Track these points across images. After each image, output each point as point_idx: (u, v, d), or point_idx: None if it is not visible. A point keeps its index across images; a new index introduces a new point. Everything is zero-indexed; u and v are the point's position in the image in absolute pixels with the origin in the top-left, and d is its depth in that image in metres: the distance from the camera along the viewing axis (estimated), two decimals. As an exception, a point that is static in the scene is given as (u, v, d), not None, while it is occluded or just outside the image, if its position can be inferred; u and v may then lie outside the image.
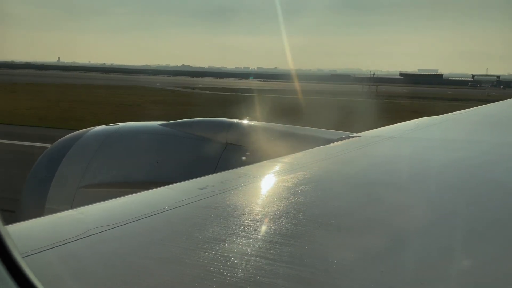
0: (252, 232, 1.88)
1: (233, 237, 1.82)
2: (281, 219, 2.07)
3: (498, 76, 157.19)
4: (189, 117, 5.82)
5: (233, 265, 1.57)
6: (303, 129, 5.29)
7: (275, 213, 2.16)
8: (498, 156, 4.01)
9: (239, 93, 63.02)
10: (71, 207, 3.57)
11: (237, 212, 2.15)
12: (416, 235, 2.04)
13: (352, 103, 48.19)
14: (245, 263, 1.59)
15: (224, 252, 1.67)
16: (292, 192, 2.53)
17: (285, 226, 1.97)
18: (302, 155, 3.77)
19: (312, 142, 4.48)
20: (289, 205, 2.27)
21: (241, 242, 1.77)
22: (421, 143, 4.75)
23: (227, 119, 5.43)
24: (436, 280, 1.57)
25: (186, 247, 1.73)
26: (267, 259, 1.62)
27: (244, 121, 5.48)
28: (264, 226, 2.00)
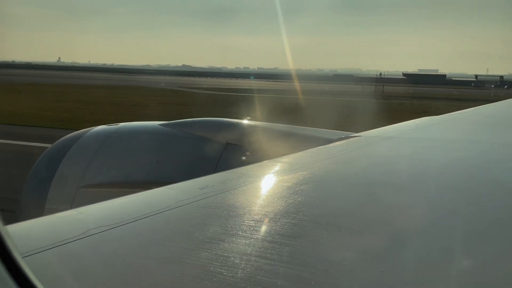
0: (252, 232, 1.88)
1: (233, 237, 1.82)
2: (281, 219, 2.07)
3: (502, 76, 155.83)
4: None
5: (233, 265, 1.57)
6: (303, 129, 5.29)
7: (275, 213, 2.16)
8: (498, 156, 4.01)
9: (249, 94, 62.08)
10: (71, 207, 3.57)
11: (237, 212, 2.15)
12: (416, 235, 2.04)
13: (366, 104, 47.43)
14: (245, 263, 1.59)
15: (224, 252, 1.67)
16: (292, 192, 2.53)
17: (285, 226, 1.97)
18: (302, 155, 3.77)
19: (312, 142, 4.48)
20: (289, 205, 2.27)
21: (241, 242, 1.77)
22: (421, 143, 4.75)
23: (227, 119, 5.43)
24: (436, 280, 1.57)
25: (186, 247, 1.73)
26: (267, 259, 1.62)
27: (244, 121, 5.48)
28: (264, 226, 2.00)
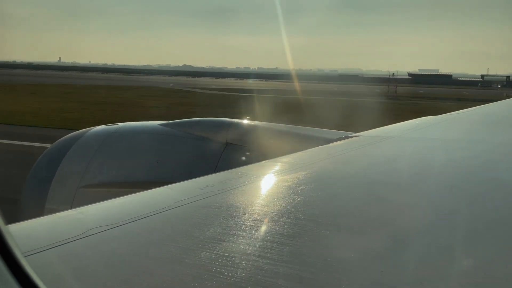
0: (252, 232, 1.88)
1: (233, 237, 1.82)
2: (281, 219, 2.07)
3: (508, 76, 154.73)
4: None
5: (233, 265, 1.57)
6: (303, 129, 5.29)
7: (275, 213, 2.16)
8: (498, 156, 4.01)
9: (262, 94, 60.50)
10: (71, 207, 3.57)
11: (237, 212, 2.15)
12: (416, 235, 2.04)
13: (385, 105, 46.60)
14: (245, 263, 1.59)
15: (224, 252, 1.67)
16: (292, 192, 2.53)
17: (285, 226, 1.97)
18: (302, 155, 3.77)
19: (312, 142, 4.48)
20: (289, 205, 2.27)
21: (241, 242, 1.77)
22: (421, 143, 4.75)
23: (227, 119, 5.43)
24: (436, 280, 1.58)
25: (186, 247, 1.73)
26: (267, 259, 1.62)
27: (244, 121, 5.48)
28: (264, 226, 2.00)
